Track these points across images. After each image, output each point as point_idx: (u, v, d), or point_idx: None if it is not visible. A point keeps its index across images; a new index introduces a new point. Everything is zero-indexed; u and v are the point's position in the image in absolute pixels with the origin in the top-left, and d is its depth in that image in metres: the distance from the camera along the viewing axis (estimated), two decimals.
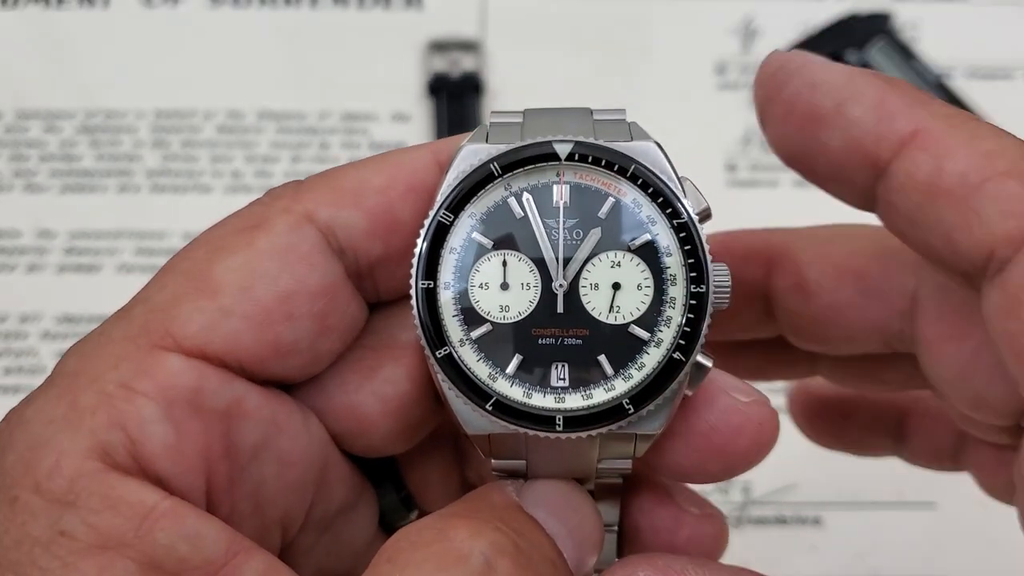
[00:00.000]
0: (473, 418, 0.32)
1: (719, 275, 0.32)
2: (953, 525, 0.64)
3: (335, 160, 0.75)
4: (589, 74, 0.78)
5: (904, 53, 0.76)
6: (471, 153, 0.32)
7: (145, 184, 0.74)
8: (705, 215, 0.33)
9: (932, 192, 0.30)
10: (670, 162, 0.33)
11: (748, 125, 0.76)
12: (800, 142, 0.33)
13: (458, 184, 0.32)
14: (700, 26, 0.80)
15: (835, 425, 0.45)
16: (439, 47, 0.78)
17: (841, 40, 0.76)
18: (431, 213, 0.32)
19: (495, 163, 0.32)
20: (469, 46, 0.78)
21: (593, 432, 0.32)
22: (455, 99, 0.76)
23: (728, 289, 0.32)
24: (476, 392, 0.32)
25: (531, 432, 0.31)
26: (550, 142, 0.32)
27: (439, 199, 0.32)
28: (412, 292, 0.32)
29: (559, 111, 0.34)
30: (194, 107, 0.76)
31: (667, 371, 0.32)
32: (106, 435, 0.28)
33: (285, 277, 0.31)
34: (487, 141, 0.33)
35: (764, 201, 0.74)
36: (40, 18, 0.80)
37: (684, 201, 0.33)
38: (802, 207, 0.78)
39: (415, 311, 0.32)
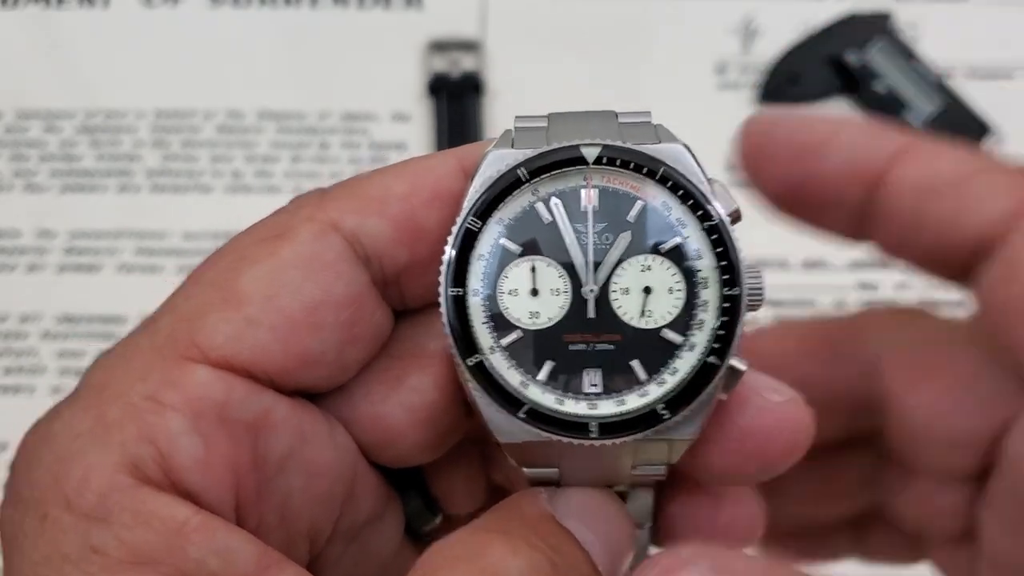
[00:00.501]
0: (505, 426, 0.31)
1: (752, 277, 0.32)
2: None
3: (335, 160, 0.75)
4: (589, 74, 0.78)
5: (904, 53, 0.76)
6: (497, 159, 0.32)
7: (145, 184, 0.74)
8: (736, 216, 0.33)
9: (928, 188, 0.32)
10: (699, 163, 0.33)
11: None
12: (791, 174, 0.35)
13: (485, 190, 0.32)
14: (700, 26, 0.80)
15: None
16: (439, 47, 0.78)
17: (841, 40, 0.77)
18: (458, 220, 0.32)
19: (522, 168, 0.32)
20: (469, 46, 0.78)
21: (628, 439, 0.31)
22: (455, 99, 0.76)
23: (761, 291, 0.32)
24: (508, 400, 0.31)
25: (564, 440, 0.31)
26: (577, 146, 0.32)
27: (466, 205, 0.32)
28: (441, 300, 0.31)
29: (584, 114, 0.34)
30: (194, 107, 0.76)
31: (702, 375, 0.31)
32: (135, 448, 0.28)
33: (310, 286, 0.31)
34: (513, 146, 0.32)
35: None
36: (40, 18, 0.80)
37: (715, 203, 0.32)
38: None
39: (444, 319, 0.31)
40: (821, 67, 0.76)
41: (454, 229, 0.32)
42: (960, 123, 0.74)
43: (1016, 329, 0.31)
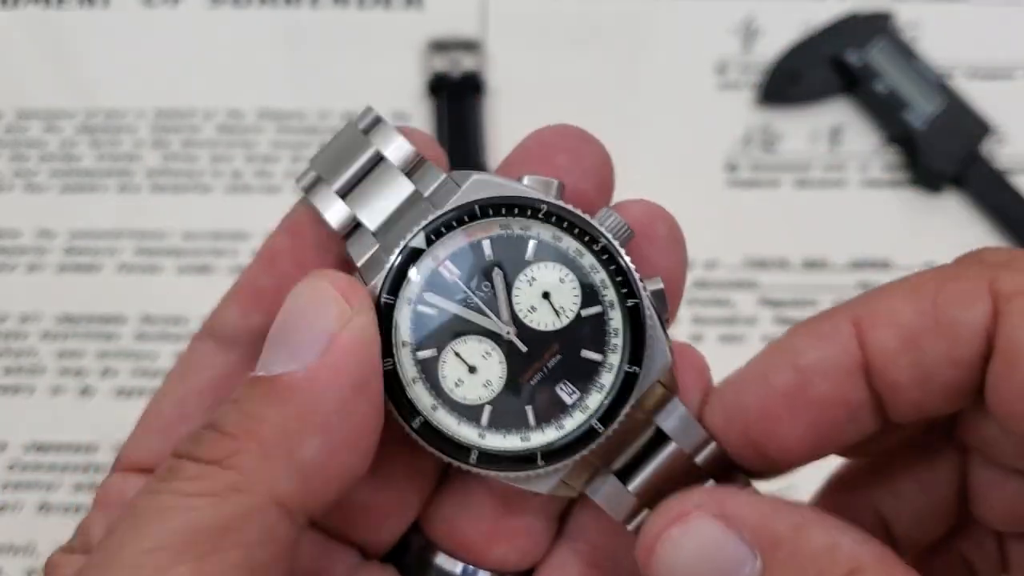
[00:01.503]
0: (544, 485, 0.34)
1: (606, 218, 0.34)
2: None
3: None
4: (589, 73, 0.78)
5: (904, 53, 0.76)
6: (366, 311, 0.33)
7: (145, 184, 0.74)
8: (560, 189, 0.34)
9: (912, 344, 0.31)
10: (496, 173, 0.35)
11: (748, 125, 0.76)
12: (804, 422, 0.33)
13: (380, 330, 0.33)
14: (700, 26, 0.80)
15: None
16: (439, 47, 0.78)
17: (841, 40, 0.76)
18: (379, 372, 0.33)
19: (384, 296, 0.34)
20: (470, 46, 0.78)
21: (631, 401, 0.33)
22: (456, 99, 0.76)
23: (624, 226, 0.34)
24: (526, 460, 0.33)
25: (600, 439, 0.33)
26: (406, 246, 0.34)
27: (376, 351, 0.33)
28: (410, 432, 0.34)
29: (395, 212, 0.35)
30: (194, 107, 0.76)
31: (635, 317, 0.34)
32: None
33: None
34: (366, 282, 0.34)
35: (764, 201, 0.74)
36: (40, 18, 0.80)
37: (532, 196, 0.34)
38: (802, 208, 0.79)
39: (425, 447, 0.34)
40: (821, 67, 0.76)
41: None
42: (961, 123, 0.74)
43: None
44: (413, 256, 0.34)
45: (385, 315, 0.33)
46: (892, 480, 0.39)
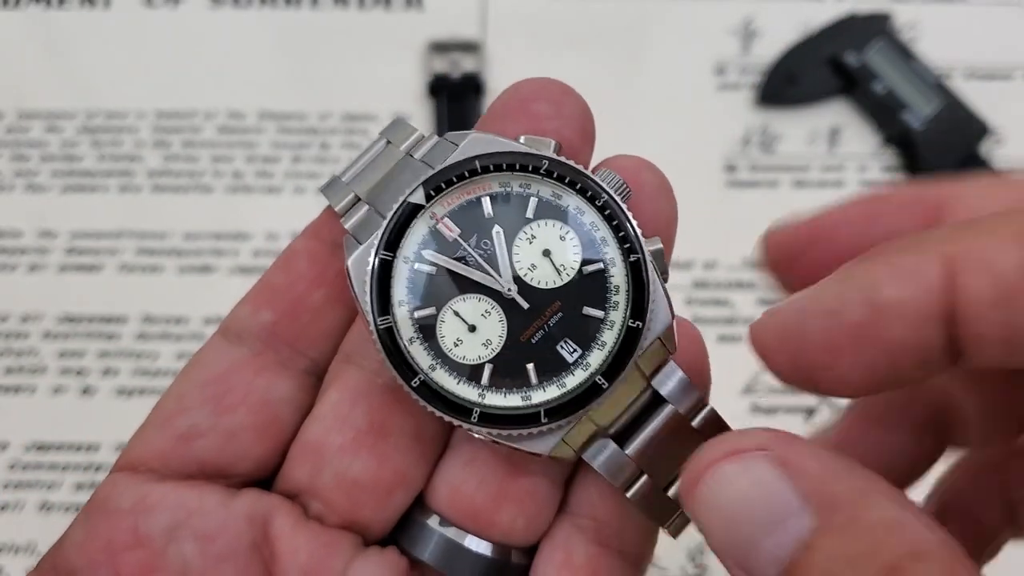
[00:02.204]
0: (544, 445, 0.34)
1: (606, 177, 0.34)
2: None
3: (335, 160, 0.75)
4: (589, 75, 0.78)
5: (903, 54, 0.76)
6: (360, 261, 0.34)
7: (146, 184, 0.74)
8: (558, 149, 0.34)
9: (1008, 299, 0.27)
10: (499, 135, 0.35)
11: (748, 125, 0.76)
12: (868, 363, 0.29)
13: (370, 291, 0.33)
14: (700, 26, 0.80)
15: None
16: (440, 48, 0.78)
17: (841, 41, 0.77)
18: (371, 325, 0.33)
19: (379, 252, 0.33)
20: (470, 47, 0.78)
21: (635, 355, 0.33)
22: (456, 100, 0.76)
23: (623, 184, 0.34)
24: (528, 419, 0.33)
25: (603, 396, 0.33)
26: (404, 201, 0.34)
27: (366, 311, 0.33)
28: (409, 391, 0.33)
29: (386, 176, 0.35)
30: (195, 107, 0.76)
31: (635, 273, 0.33)
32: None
33: None
34: (360, 242, 0.34)
35: (764, 201, 0.74)
36: (40, 18, 0.80)
37: (531, 151, 0.34)
38: (801, 208, 0.79)
39: (425, 405, 0.33)
40: (820, 68, 0.76)
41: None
42: (959, 123, 0.75)
43: None
44: (412, 212, 0.34)
45: (382, 272, 0.33)
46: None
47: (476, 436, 0.33)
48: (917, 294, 0.28)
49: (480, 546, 0.35)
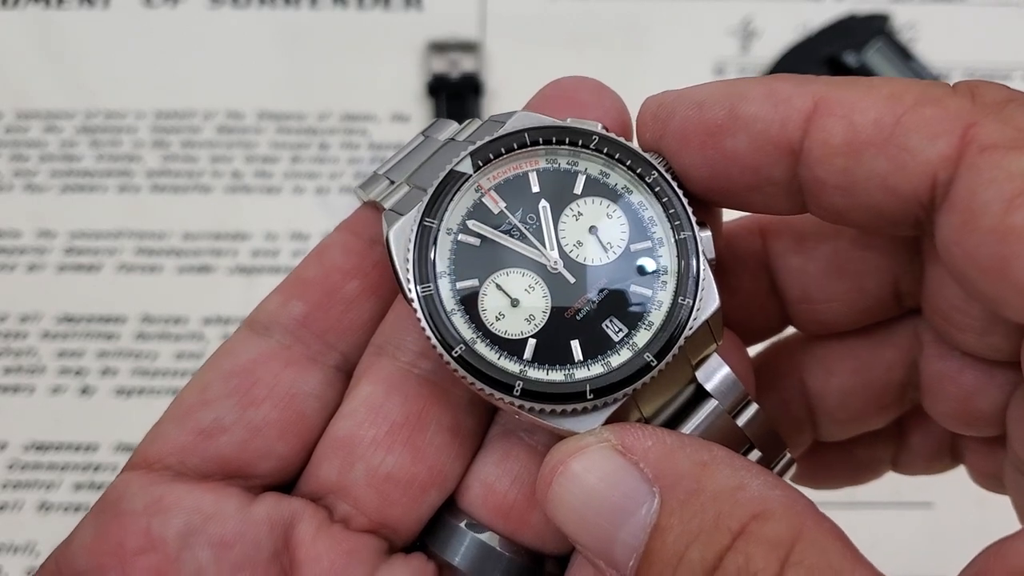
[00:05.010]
0: (586, 425, 0.32)
1: (657, 161, 0.33)
2: (950, 524, 0.65)
3: (334, 160, 0.75)
4: (588, 74, 0.78)
5: (902, 54, 0.76)
6: (398, 231, 0.33)
7: (145, 184, 0.74)
8: (605, 129, 0.34)
9: (853, 149, 0.29)
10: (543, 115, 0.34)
11: None
12: (708, 163, 0.32)
13: (413, 262, 0.32)
14: (699, 26, 0.80)
15: (839, 458, 0.43)
16: (439, 48, 0.78)
17: (840, 41, 0.77)
18: (413, 289, 0.32)
19: (424, 218, 0.32)
20: (468, 47, 0.78)
21: (685, 333, 0.32)
22: (455, 100, 0.76)
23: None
24: (573, 396, 0.31)
25: (651, 375, 0.31)
26: (451, 170, 0.33)
27: (407, 278, 0.32)
28: (453, 366, 0.31)
29: (430, 158, 0.35)
30: (194, 107, 0.76)
31: (683, 251, 0.32)
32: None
33: None
34: (401, 215, 0.33)
35: None
36: (40, 18, 0.80)
37: (580, 126, 0.33)
38: None
39: (466, 375, 0.32)
40: (819, 68, 0.76)
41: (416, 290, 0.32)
42: None
43: (987, 282, 0.27)
44: (457, 181, 0.33)
45: (422, 238, 0.32)
46: (828, 354, 0.38)
47: (516, 416, 0.32)
48: (775, 118, 0.30)
49: (514, 552, 0.34)
